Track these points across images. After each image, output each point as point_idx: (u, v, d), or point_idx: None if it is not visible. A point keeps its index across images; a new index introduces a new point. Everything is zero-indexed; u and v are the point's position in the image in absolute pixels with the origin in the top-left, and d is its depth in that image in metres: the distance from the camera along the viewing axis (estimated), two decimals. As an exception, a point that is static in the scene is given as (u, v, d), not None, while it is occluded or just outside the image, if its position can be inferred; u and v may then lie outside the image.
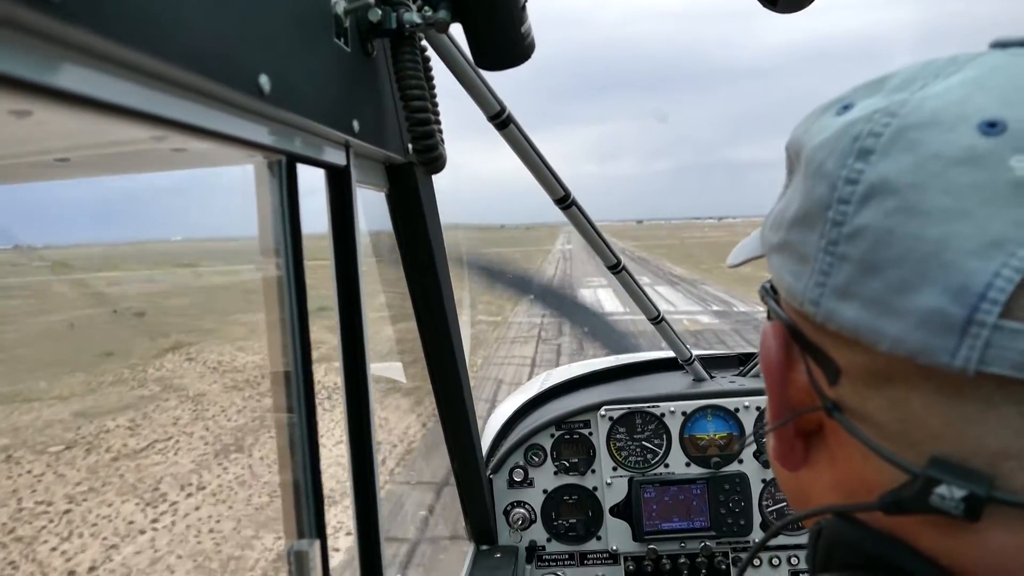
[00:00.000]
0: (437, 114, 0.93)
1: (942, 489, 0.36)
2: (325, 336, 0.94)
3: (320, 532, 0.73)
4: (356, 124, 0.79)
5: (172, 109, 0.50)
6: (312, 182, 0.81)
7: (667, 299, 21.77)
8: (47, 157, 0.83)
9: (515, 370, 11.41)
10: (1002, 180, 0.35)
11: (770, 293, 0.48)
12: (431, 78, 0.93)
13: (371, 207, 1.09)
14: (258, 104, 0.57)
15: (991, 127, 0.36)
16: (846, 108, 0.42)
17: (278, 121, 0.66)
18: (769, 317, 0.48)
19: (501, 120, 1.13)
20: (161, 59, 0.44)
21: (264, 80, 0.56)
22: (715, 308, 19.58)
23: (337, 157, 0.82)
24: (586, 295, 21.82)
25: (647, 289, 1.68)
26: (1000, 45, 0.42)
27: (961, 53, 0.42)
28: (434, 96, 0.95)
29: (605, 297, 20.75)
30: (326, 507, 0.75)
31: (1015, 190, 0.34)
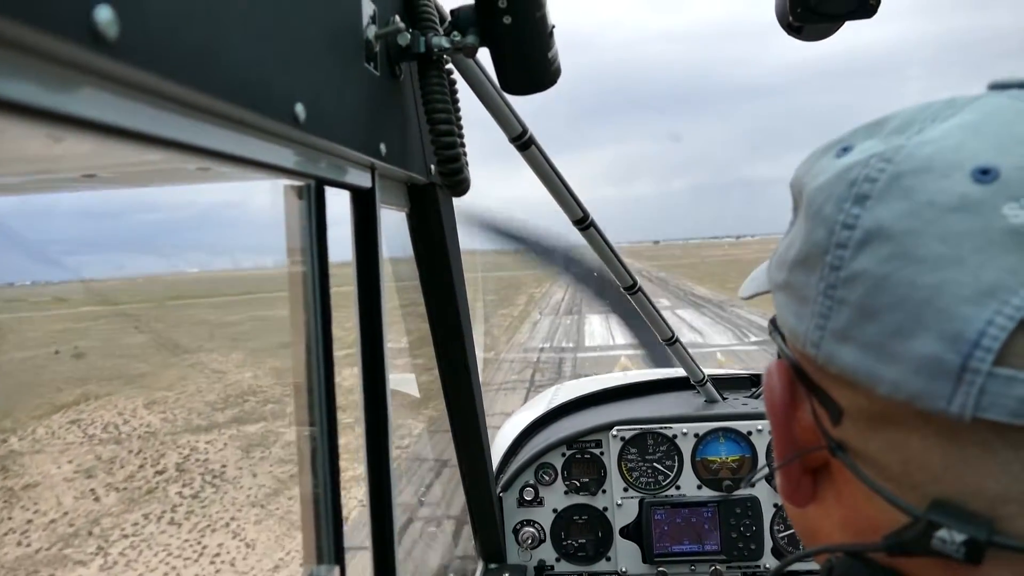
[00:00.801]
0: (462, 137, 0.93)
1: (943, 533, 0.37)
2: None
3: (339, 558, 0.72)
4: (383, 147, 0.79)
5: (210, 139, 0.50)
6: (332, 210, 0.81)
7: (692, 326, 20.00)
8: (75, 174, 0.84)
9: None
10: (995, 228, 0.35)
11: (777, 330, 0.49)
12: (456, 100, 0.94)
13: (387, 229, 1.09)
14: (292, 132, 0.58)
15: (984, 174, 0.36)
16: (845, 150, 0.43)
17: (308, 146, 0.66)
18: (779, 355, 0.48)
19: (523, 142, 1.14)
20: (205, 93, 0.44)
21: (300, 109, 0.56)
22: (754, 338, 17.16)
23: (363, 179, 0.82)
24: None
25: (666, 312, 1.68)
26: (999, 87, 0.42)
27: (959, 96, 0.42)
28: (459, 119, 0.95)
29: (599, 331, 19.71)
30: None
31: (1008, 238, 0.34)
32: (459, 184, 0.88)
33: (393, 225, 1.09)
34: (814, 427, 0.44)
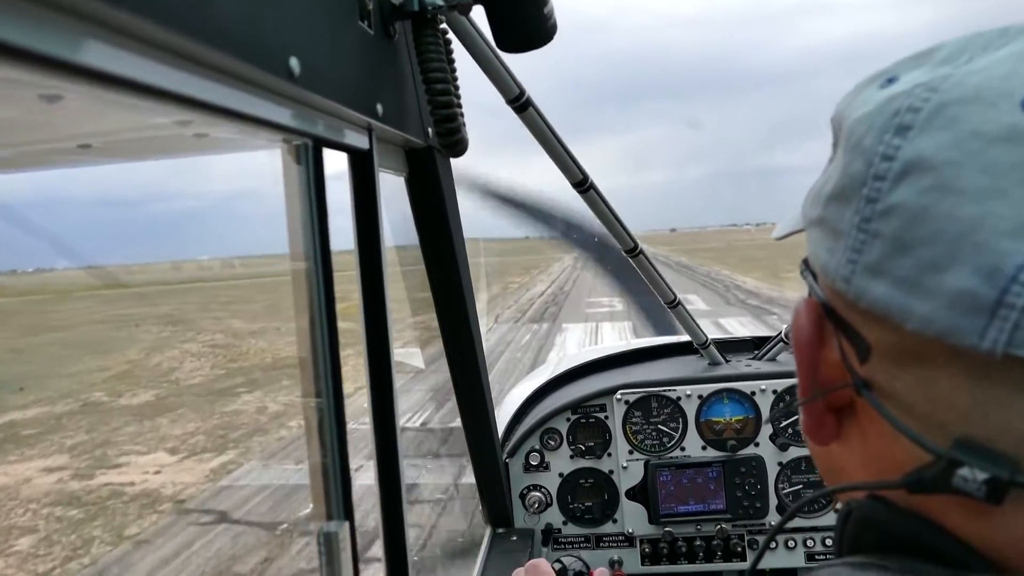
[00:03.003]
0: (459, 97, 0.92)
1: (964, 471, 0.36)
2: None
3: (348, 514, 0.73)
4: (380, 107, 0.79)
5: (203, 91, 0.50)
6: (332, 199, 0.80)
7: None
8: (70, 144, 0.83)
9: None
10: None
11: (809, 269, 0.48)
12: (452, 61, 0.93)
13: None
14: (287, 87, 0.57)
15: None
16: (890, 81, 0.42)
17: (305, 104, 0.65)
18: (808, 294, 0.48)
19: (520, 104, 1.13)
20: (194, 39, 0.44)
21: (294, 63, 0.56)
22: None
23: (360, 141, 0.82)
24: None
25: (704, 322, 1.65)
26: None
27: (1013, 24, 0.40)
28: (455, 79, 0.94)
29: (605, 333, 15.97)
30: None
31: None
32: (456, 144, 0.87)
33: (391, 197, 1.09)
34: (840, 365, 0.44)
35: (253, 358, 16.92)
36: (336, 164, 0.86)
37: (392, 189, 1.08)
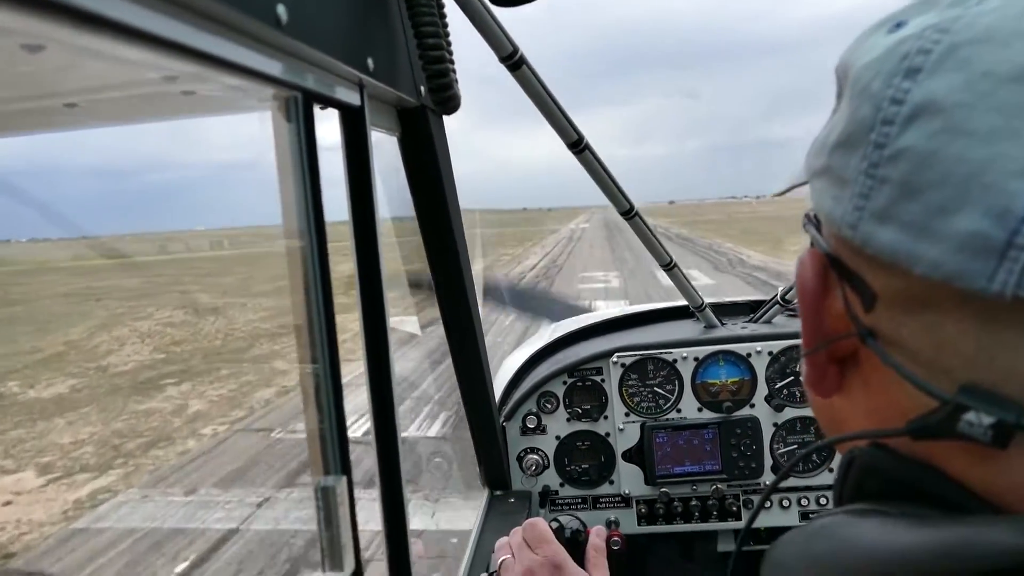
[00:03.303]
0: (451, 53, 0.91)
1: (970, 416, 0.36)
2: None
3: (345, 469, 0.74)
4: (371, 62, 0.78)
5: (188, 37, 0.49)
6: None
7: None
8: (55, 102, 0.82)
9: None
10: None
11: (812, 221, 0.47)
12: (444, 16, 0.91)
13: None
14: (274, 35, 0.56)
15: None
16: (898, 26, 0.41)
17: (293, 55, 0.64)
18: (811, 245, 0.47)
19: (514, 61, 1.11)
20: None
21: (281, 10, 0.55)
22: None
23: (351, 97, 0.80)
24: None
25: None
26: None
27: None
28: (448, 35, 0.92)
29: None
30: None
31: None
32: (448, 100, 0.86)
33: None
34: (844, 315, 0.44)
35: (202, 340, 15.90)
36: (329, 135, 0.85)
37: (385, 164, 1.08)
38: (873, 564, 0.38)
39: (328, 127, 0.85)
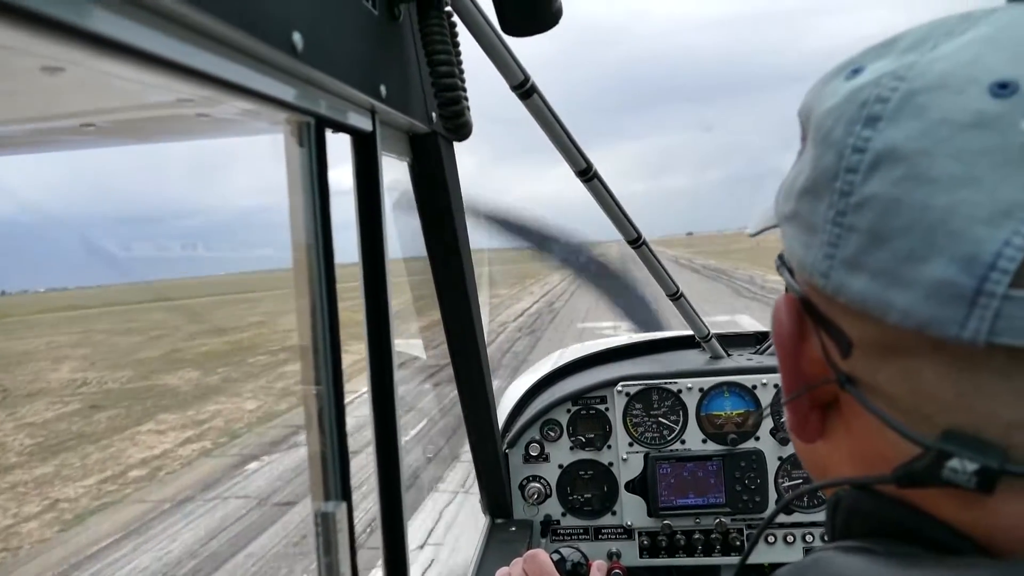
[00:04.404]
0: (463, 81, 0.92)
1: (954, 463, 0.36)
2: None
3: (346, 494, 0.73)
4: (383, 89, 0.79)
5: (204, 63, 0.49)
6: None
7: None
8: (73, 122, 0.83)
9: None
10: (1013, 144, 0.33)
11: (785, 264, 0.48)
12: (457, 44, 0.92)
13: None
14: (289, 62, 0.57)
15: (1002, 88, 0.34)
16: (855, 72, 0.41)
17: (307, 81, 0.65)
18: (787, 290, 0.48)
19: (525, 90, 1.12)
20: (196, 8, 0.44)
21: (297, 38, 0.56)
22: None
23: (363, 123, 0.81)
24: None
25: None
26: None
27: (977, 8, 0.40)
28: (460, 63, 0.94)
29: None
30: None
31: None
32: (461, 128, 0.87)
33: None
34: (823, 361, 0.44)
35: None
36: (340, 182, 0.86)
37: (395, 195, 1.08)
38: None
39: (341, 172, 0.86)
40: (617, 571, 1.77)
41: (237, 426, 11.13)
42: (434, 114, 0.99)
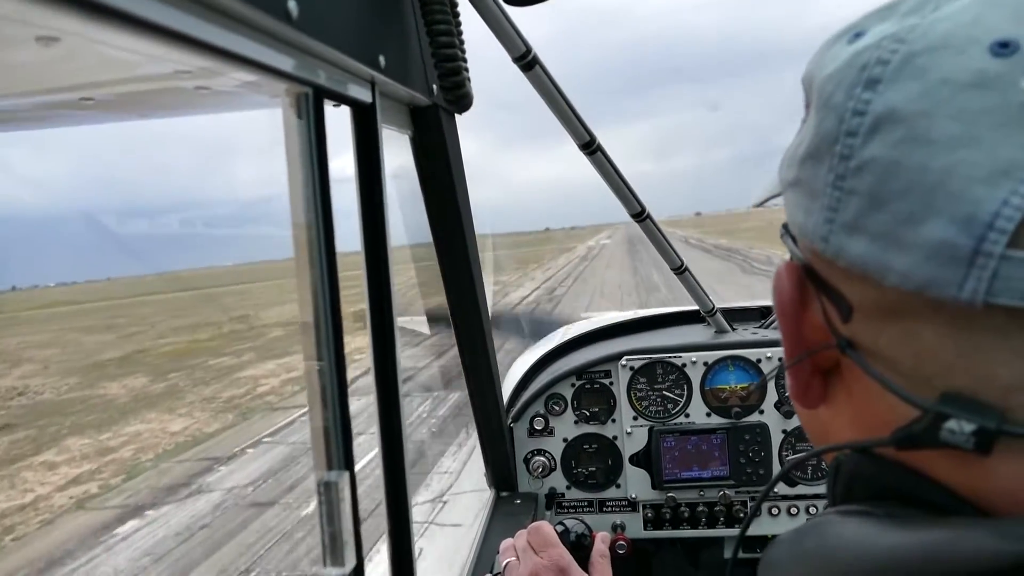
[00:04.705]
0: (464, 51, 0.91)
1: (952, 424, 0.36)
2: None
3: (348, 464, 0.74)
4: (382, 59, 0.78)
5: (199, 30, 0.49)
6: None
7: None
8: (72, 96, 0.83)
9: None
10: (1014, 103, 0.33)
11: (788, 233, 0.48)
12: (457, 14, 0.91)
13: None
14: (285, 30, 0.56)
15: (1003, 47, 0.34)
16: (857, 36, 0.41)
17: (304, 51, 0.65)
18: (790, 258, 0.48)
19: (527, 62, 1.11)
20: None
21: (292, 5, 0.55)
22: None
23: (363, 94, 0.81)
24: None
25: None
26: None
27: None
28: (460, 33, 0.93)
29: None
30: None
31: None
32: (462, 99, 0.86)
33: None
34: (824, 326, 0.44)
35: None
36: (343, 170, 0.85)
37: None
38: (861, 562, 0.38)
39: (344, 161, 0.86)
40: (621, 543, 1.79)
41: (144, 458, 9.88)
42: (435, 86, 0.99)
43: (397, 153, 1.10)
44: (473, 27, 1.02)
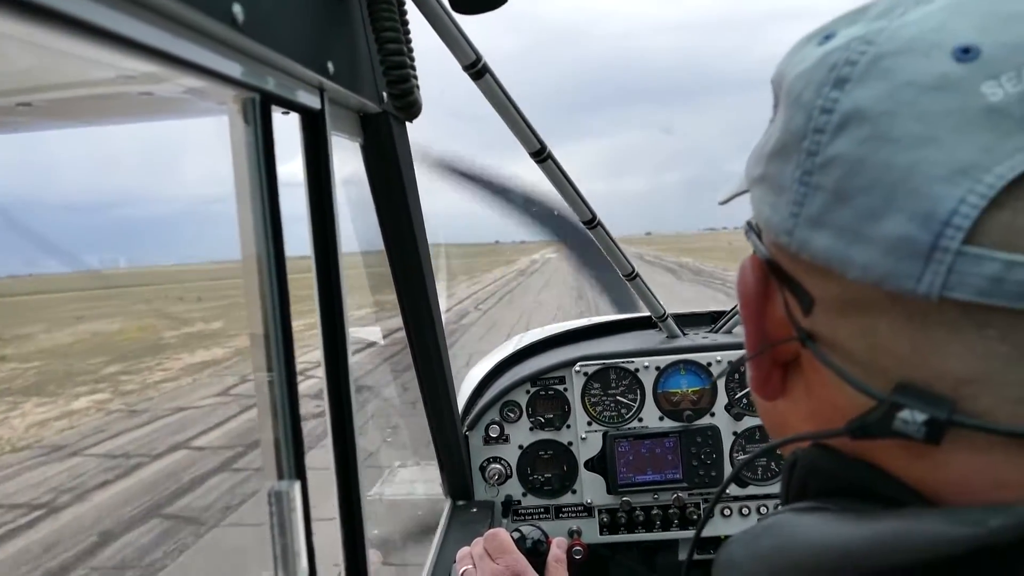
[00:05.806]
0: (413, 59, 0.91)
1: (905, 414, 0.37)
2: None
3: (300, 473, 0.73)
4: (331, 66, 0.78)
5: (142, 33, 0.48)
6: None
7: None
8: (8, 100, 0.80)
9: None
10: (973, 106, 0.35)
11: (753, 229, 0.49)
12: (406, 22, 0.92)
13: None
14: (231, 35, 0.56)
15: (965, 53, 0.36)
16: (827, 38, 0.42)
17: (251, 56, 0.64)
18: (754, 253, 0.49)
19: (477, 70, 1.12)
20: None
21: (237, 9, 0.55)
22: None
23: (312, 101, 0.80)
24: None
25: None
26: None
27: None
28: (409, 42, 0.93)
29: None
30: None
31: (985, 116, 0.35)
32: (410, 106, 0.86)
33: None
34: (785, 320, 0.45)
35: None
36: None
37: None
38: (815, 557, 0.39)
39: (293, 166, 0.85)
40: (578, 548, 1.80)
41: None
42: (385, 94, 0.99)
43: (348, 160, 1.10)
44: (432, 38, 1.02)
